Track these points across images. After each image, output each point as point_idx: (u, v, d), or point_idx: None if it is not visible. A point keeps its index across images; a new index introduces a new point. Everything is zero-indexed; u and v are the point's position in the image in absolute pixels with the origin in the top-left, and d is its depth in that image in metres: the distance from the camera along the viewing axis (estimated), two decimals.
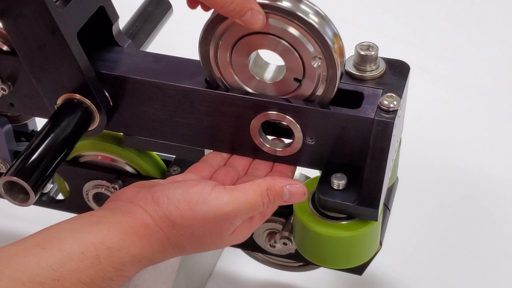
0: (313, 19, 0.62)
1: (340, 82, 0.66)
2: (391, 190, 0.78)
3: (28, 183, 0.62)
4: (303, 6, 0.62)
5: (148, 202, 0.63)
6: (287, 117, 0.66)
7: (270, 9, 0.62)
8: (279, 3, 0.62)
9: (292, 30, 0.63)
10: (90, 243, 0.59)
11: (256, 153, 0.70)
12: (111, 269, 0.59)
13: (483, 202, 0.98)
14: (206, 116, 0.69)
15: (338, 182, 0.66)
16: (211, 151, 0.72)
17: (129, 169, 0.80)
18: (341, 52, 0.64)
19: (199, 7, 0.65)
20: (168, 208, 0.63)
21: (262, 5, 0.62)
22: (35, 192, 0.62)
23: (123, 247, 0.60)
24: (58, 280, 0.56)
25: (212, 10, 0.64)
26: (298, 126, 0.67)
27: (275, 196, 0.65)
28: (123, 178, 0.79)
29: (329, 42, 0.63)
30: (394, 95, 0.64)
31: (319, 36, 0.62)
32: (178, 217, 0.63)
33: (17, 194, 0.64)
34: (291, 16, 0.62)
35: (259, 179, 0.65)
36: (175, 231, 0.63)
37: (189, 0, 0.65)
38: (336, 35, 0.63)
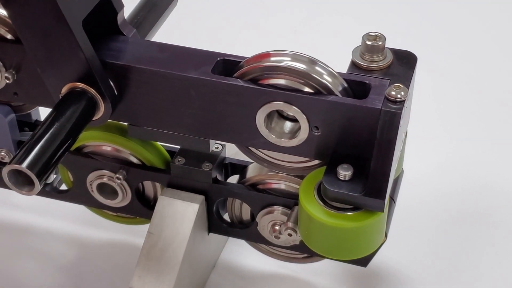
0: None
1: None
2: (396, 182, 0.78)
3: (33, 172, 0.61)
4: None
5: None
6: (293, 107, 0.66)
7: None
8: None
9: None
10: None
11: (263, 143, 0.70)
12: None
13: (490, 195, 0.97)
14: (211, 106, 0.69)
15: (345, 173, 0.66)
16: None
17: (133, 159, 0.80)
18: None
19: None
20: None
21: None
22: (40, 181, 0.62)
23: None
24: None
25: None
26: (304, 117, 0.66)
27: None
28: (127, 168, 0.79)
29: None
30: (401, 86, 0.64)
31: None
32: None
33: (21, 183, 0.63)
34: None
35: None
36: None
37: None
38: None
